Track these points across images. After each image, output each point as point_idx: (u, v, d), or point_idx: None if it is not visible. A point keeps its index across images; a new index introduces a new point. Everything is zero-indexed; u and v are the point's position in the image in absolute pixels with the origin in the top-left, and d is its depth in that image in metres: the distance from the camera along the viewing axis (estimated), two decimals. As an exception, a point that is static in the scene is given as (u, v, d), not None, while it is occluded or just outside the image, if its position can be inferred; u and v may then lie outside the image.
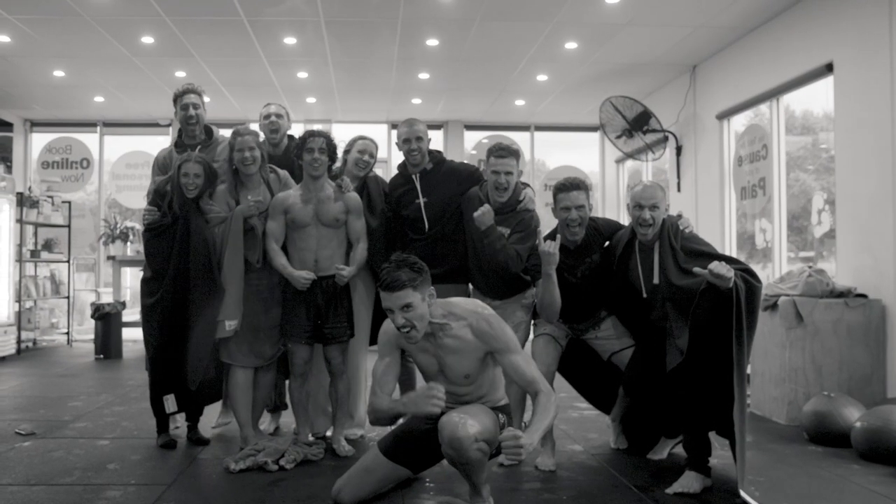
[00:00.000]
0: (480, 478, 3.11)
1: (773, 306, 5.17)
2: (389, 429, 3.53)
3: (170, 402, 4.32)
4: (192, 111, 4.71)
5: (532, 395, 3.11)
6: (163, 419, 4.43)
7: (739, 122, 7.79)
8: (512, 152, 4.08)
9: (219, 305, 4.14)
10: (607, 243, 4.11)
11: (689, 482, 3.57)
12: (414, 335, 3.07)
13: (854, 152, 5.62)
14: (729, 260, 3.52)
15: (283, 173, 4.53)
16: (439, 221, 4.38)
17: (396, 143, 4.51)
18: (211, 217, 4.26)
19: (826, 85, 6.17)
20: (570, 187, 3.90)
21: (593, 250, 4.05)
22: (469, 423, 2.98)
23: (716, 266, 3.32)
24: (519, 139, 11.11)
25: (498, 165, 4.06)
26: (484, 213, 3.96)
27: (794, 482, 3.77)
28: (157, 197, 4.36)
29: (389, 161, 10.09)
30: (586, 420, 5.14)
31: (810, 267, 5.41)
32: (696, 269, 3.43)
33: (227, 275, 4.16)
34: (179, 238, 4.20)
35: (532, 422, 2.97)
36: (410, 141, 4.39)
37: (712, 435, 3.73)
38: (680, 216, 3.91)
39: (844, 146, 5.74)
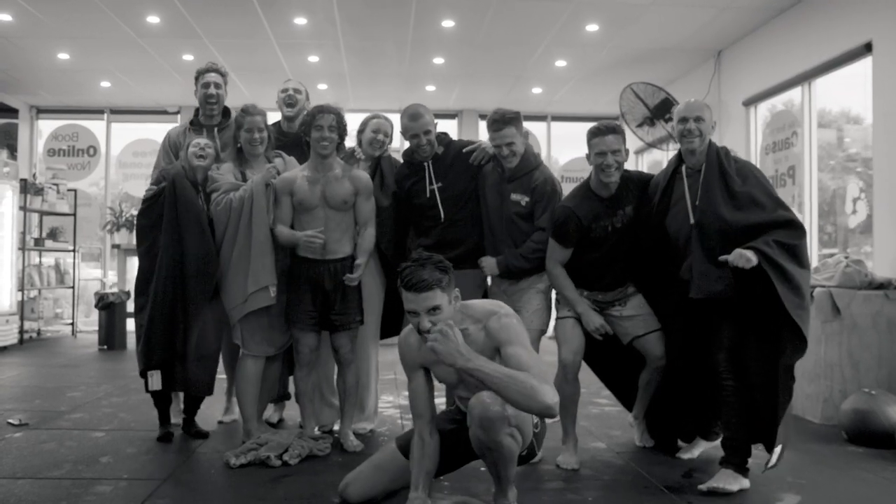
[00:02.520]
0: (509, 472, 2.82)
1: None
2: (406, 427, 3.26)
3: (154, 379, 4.03)
4: (213, 90, 4.50)
5: None
6: (164, 409, 4.19)
7: (766, 108, 7.49)
8: (507, 121, 3.87)
9: (239, 279, 3.94)
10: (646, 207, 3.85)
11: (725, 479, 3.29)
12: None
13: (893, 136, 5.31)
14: (775, 225, 3.30)
15: (291, 159, 4.29)
16: (455, 205, 4.13)
17: (402, 133, 4.26)
18: (221, 184, 4.03)
19: (846, 77, 5.93)
20: (605, 131, 3.65)
21: (627, 202, 3.77)
22: (504, 404, 2.69)
23: (735, 259, 3.20)
24: (535, 130, 10.84)
25: (497, 139, 3.90)
26: (485, 267, 4.01)
27: (838, 485, 3.48)
28: (163, 173, 4.16)
29: (402, 149, 9.81)
30: (608, 416, 4.86)
31: (847, 257, 5.10)
32: (721, 258, 3.27)
33: (257, 241, 3.92)
34: (168, 205, 3.99)
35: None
36: (419, 136, 4.14)
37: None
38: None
39: (883, 130, 5.44)
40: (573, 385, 3.77)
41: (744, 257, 3.17)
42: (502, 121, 3.86)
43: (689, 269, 3.49)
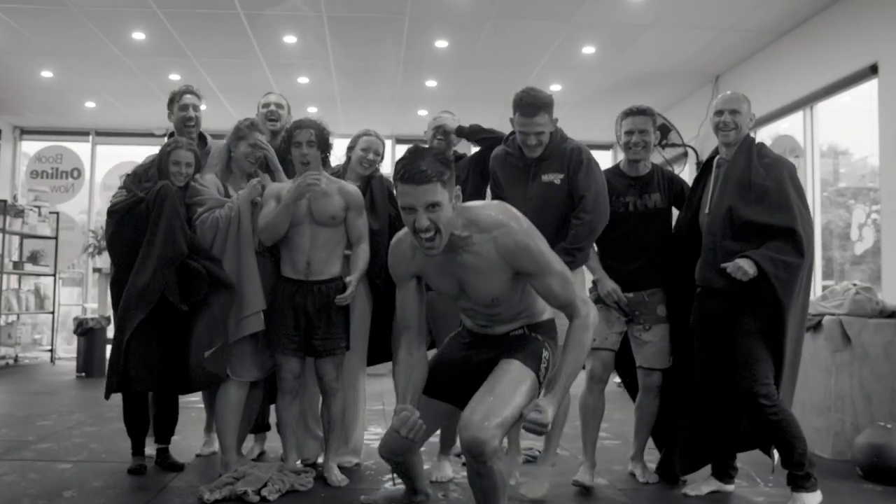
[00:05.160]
0: (500, 502, 2.58)
1: (817, 326, 4.65)
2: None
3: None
4: (191, 112, 4.32)
5: (568, 318, 2.64)
6: (138, 439, 3.91)
7: (765, 134, 7.34)
8: (541, 106, 3.52)
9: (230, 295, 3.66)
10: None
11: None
12: (436, 243, 2.52)
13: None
14: (777, 232, 3.28)
15: (265, 176, 4.06)
16: None
17: (425, 132, 4.27)
18: (206, 199, 3.79)
19: (835, 112, 5.93)
20: (635, 112, 3.78)
21: (656, 189, 3.79)
22: (493, 422, 2.48)
23: (733, 271, 3.23)
24: (529, 156, 10.67)
25: (526, 126, 3.54)
26: None
27: (859, 526, 3.25)
28: (135, 179, 3.89)
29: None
30: (607, 450, 4.59)
31: (856, 284, 4.90)
32: (722, 265, 3.30)
33: (245, 263, 3.68)
34: (152, 223, 3.67)
35: (559, 368, 2.54)
36: (436, 128, 4.15)
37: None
38: None
39: (890, 152, 5.26)
40: (598, 398, 3.72)
41: (741, 270, 3.20)
42: (536, 105, 3.50)
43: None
